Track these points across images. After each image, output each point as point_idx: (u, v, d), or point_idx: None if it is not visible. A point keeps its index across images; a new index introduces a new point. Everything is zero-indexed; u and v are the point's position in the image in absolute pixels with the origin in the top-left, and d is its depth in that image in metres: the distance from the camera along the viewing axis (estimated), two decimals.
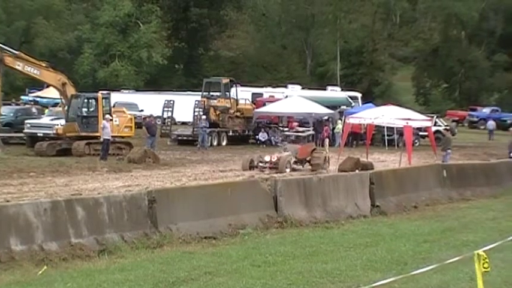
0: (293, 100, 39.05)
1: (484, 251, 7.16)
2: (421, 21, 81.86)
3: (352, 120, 28.43)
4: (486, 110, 65.37)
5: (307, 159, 25.88)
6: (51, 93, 40.99)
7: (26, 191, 17.90)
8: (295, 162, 25.44)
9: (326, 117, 38.87)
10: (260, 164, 24.48)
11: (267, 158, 24.56)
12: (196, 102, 37.23)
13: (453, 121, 59.17)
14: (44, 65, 29.52)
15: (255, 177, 20.13)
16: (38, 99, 49.22)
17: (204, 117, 35.38)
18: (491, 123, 52.27)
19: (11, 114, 35.68)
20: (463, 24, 79.95)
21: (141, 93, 54.53)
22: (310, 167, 25.65)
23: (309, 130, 28.84)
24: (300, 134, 27.62)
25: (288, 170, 24.13)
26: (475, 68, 76.11)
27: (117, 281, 9.38)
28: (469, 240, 12.92)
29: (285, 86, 48.73)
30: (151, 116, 34.64)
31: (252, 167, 24.57)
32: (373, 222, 15.25)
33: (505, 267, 10.50)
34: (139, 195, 12.26)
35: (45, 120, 32.67)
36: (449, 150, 27.58)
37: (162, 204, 12.20)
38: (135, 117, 34.31)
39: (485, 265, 7.06)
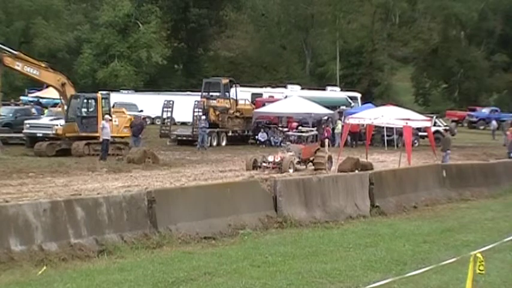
0: (292, 100, 39.07)
1: (482, 252, 7.17)
2: (421, 22, 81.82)
3: (351, 120, 28.43)
4: (485, 110, 65.46)
5: (311, 159, 25.90)
6: (50, 93, 41.00)
7: (25, 191, 17.89)
8: (299, 163, 25.46)
9: (326, 118, 38.88)
10: (263, 164, 24.50)
11: (270, 158, 24.55)
12: (196, 103, 37.20)
13: (453, 121, 59.21)
14: (43, 65, 29.46)
15: (255, 177, 20.14)
16: (39, 99, 49.27)
17: (203, 117, 35.36)
18: (494, 123, 52.54)
19: (11, 115, 35.71)
20: (462, 25, 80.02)
21: (140, 93, 54.56)
22: (313, 167, 25.66)
23: (312, 130, 28.78)
24: (303, 134, 27.61)
25: (291, 170, 24.12)
26: (475, 68, 76.14)
27: (116, 281, 9.38)
28: (468, 241, 12.95)
29: (285, 86, 48.79)
30: (139, 116, 34.65)
31: (255, 166, 24.58)
32: (373, 222, 15.26)
33: (504, 268, 10.53)
34: (138, 195, 12.24)
35: (44, 120, 32.63)
36: (448, 151, 27.58)
37: (162, 204, 12.20)
38: (134, 118, 34.30)
39: (481, 267, 7.06)
